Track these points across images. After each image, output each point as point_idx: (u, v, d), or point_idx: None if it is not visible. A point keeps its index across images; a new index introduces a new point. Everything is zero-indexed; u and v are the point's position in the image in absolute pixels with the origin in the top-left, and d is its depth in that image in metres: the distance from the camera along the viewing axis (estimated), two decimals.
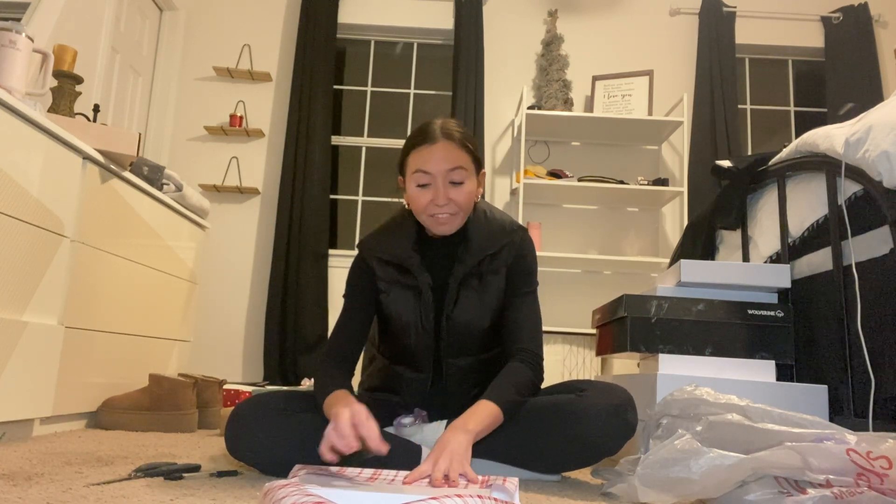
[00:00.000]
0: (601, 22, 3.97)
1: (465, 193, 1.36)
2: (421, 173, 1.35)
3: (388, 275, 1.45)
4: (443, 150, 1.34)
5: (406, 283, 1.44)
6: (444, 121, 1.39)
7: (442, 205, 1.34)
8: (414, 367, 1.46)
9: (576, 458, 1.33)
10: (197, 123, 3.78)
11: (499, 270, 1.45)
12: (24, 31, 1.82)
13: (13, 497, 0.99)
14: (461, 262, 1.43)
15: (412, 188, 1.37)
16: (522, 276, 1.47)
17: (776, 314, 1.72)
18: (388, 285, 1.45)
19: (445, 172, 1.34)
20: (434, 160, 1.34)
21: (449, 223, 1.38)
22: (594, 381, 1.41)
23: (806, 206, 1.81)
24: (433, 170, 1.34)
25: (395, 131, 4.01)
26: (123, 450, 1.60)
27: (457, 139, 1.36)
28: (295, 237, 3.59)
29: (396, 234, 1.47)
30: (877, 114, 1.56)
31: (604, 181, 3.49)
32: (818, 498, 0.92)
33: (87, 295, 1.96)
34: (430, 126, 1.38)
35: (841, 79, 3.78)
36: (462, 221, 1.41)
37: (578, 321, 3.58)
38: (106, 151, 1.98)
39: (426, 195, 1.35)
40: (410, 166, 1.37)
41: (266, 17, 3.91)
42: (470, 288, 1.43)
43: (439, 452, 1.11)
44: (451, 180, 1.35)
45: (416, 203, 1.37)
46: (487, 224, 1.46)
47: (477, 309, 1.43)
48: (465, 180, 1.36)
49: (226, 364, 3.60)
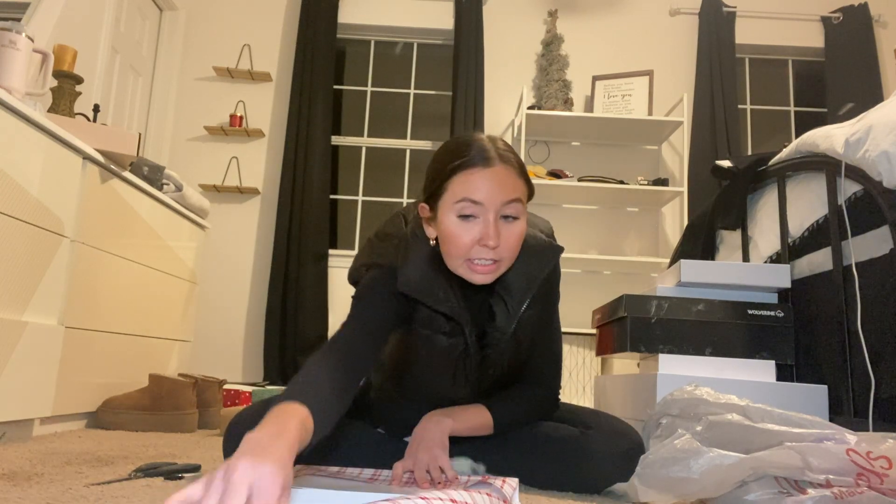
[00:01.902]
0: (601, 22, 3.97)
1: (517, 235, 1.10)
2: (468, 203, 1.07)
3: (429, 318, 1.21)
4: (502, 176, 1.08)
5: (451, 332, 1.21)
6: (492, 138, 1.13)
7: (493, 247, 1.07)
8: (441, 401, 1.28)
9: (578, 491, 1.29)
10: (197, 123, 3.78)
11: (533, 306, 1.25)
12: (24, 31, 1.82)
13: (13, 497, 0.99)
14: (501, 322, 1.21)
15: (451, 221, 1.09)
16: (551, 302, 1.31)
17: (776, 314, 1.72)
18: (429, 330, 1.22)
19: (500, 205, 1.08)
20: (489, 188, 1.07)
21: (491, 272, 1.10)
22: (600, 416, 1.35)
23: (806, 206, 1.81)
24: (487, 200, 1.07)
25: (396, 131, 4.01)
26: (123, 450, 1.60)
27: (514, 164, 1.11)
28: (295, 237, 3.59)
29: (437, 273, 1.18)
30: (877, 114, 1.56)
31: (604, 181, 3.49)
32: (818, 498, 0.92)
33: (87, 295, 1.96)
34: (480, 143, 1.10)
35: (841, 79, 3.78)
36: (503, 272, 1.14)
37: (578, 321, 3.58)
38: (106, 151, 1.98)
39: (471, 232, 1.08)
40: (453, 193, 1.09)
41: (266, 17, 3.91)
42: (508, 340, 1.24)
43: (417, 444, 1.10)
44: (506, 214, 1.09)
45: (456, 242, 1.09)
46: (526, 260, 1.21)
47: (514, 359, 1.27)
48: (521, 217, 1.11)
49: (226, 364, 3.60)
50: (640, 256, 3.68)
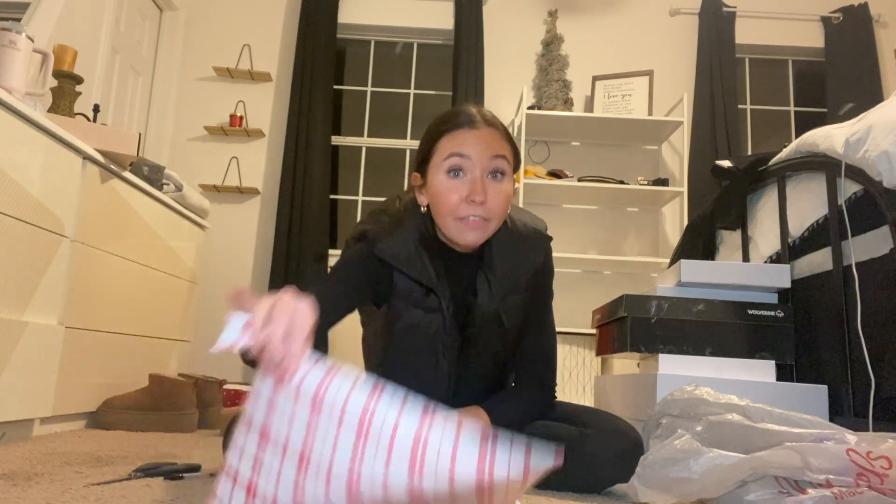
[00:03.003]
0: (601, 22, 3.97)
1: (504, 194, 1.17)
2: (457, 157, 1.14)
3: (408, 290, 1.24)
4: (488, 135, 1.16)
5: (429, 306, 1.24)
6: (479, 107, 1.22)
7: (479, 201, 1.13)
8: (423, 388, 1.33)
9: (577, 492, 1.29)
10: (197, 123, 3.78)
11: (520, 291, 1.29)
12: (24, 31, 1.82)
13: (13, 497, 0.99)
14: (483, 300, 1.25)
15: (440, 179, 1.16)
16: (543, 295, 1.34)
17: (776, 314, 1.72)
18: (406, 304, 1.24)
19: (488, 160, 1.15)
20: (476, 143, 1.15)
21: (480, 229, 1.16)
22: (599, 414, 1.35)
23: (806, 206, 1.81)
24: (474, 154, 1.14)
25: (396, 131, 4.01)
26: (123, 450, 1.60)
27: (500, 129, 1.20)
28: (295, 237, 3.59)
29: (419, 244, 1.23)
30: (877, 114, 1.56)
31: (604, 181, 3.49)
32: (818, 498, 0.92)
33: (87, 295, 1.96)
34: (467, 110, 1.19)
35: (841, 79, 3.78)
36: (492, 232, 1.20)
37: (578, 321, 3.57)
38: (106, 151, 1.98)
39: (460, 189, 1.14)
40: (441, 151, 1.16)
41: (266, 17, 3.91)
42: (487, 319, 1.27)
43: None
44: (494, 169, 1.15)
45: (446, 198, 1.15)
46: (512, 241, 1.27)
47: (498, 344, 1.30)
48: (507, 175, 1.18)
49: (226, 364, 3.60)
50: (640, 256, 3.67)
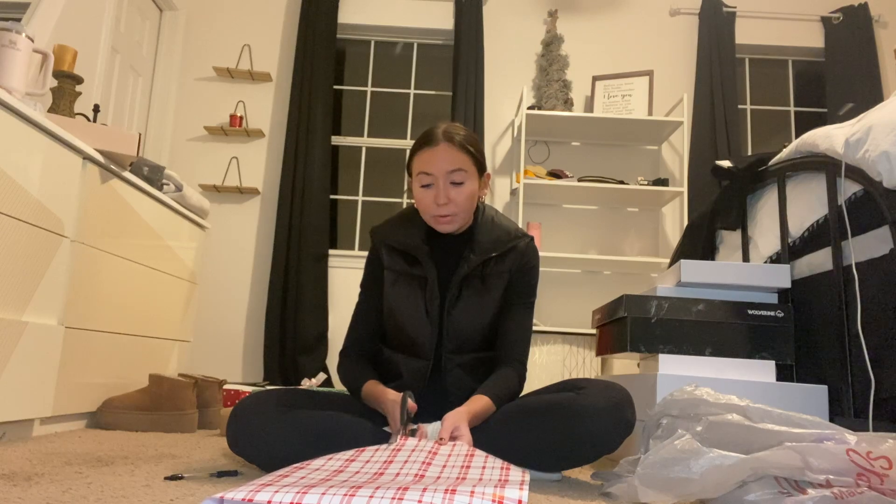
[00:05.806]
0: (601, 22, 3.97)
1: (465, 195, 1.44)
2: (423, 175, 1.44)
3: (396, 264, 1.52)
4: (444, 152, 1.42)
5: (413, 273, 1.50)
6: (448, 124, 1.48)
7: (442, 204, 1.42)
8: (415, 355, 1.50)
9: (575, 455, 1.35)
10: (197, 123, 3.78)
11: (502, 274, 1.51)
12: (24, 31, 1.83)
13: (13, 497, 0.99)
14: (466, 261, 1.49)
15: (417, 189, 1.46)
16: (525, 286, 1.54)
17: (776, 314, 1.72)
18: (395, 275, 1.52)
19: (446, 174, 1.42)
20: (435, 162, 1.42)
21: (450, 223, 1.46)
22: (592, 380, 1.44)
23: (806, 207, 1.81)
24: (434, 170, 1.42)
25: (395, 131, 4.01)
26: (123, 450, 1.60)
27: (457, 142, 1.44)
28: (295, 237, 3.59)
29: (408, 225, 1.55)
30: (877, 114, 1.56)
31: (604, 181, 3.49)
32: (818, 498, 0.92)
33: (87, 295, 1.96)
34: (434, 130, 1.47)
35: (841, 79, 3.78)
36: (463, 221, 1.49)
37: (578, 321, 3.58)
38: (106, 151, 1.98)
39: (429, 196, 1.44)
40: (415, 168, 1.46)
41: (266, 17, 3.91)
42: (472, 288, 1.49)
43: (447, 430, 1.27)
44: (452, 181, 1.43)
45: (421, 203, 1.47)
46: (494, 228, 1.54)
47: (477, 308, 1.49)
48: (466, 181, 1.44)
49: (226, 364, 3.60)
50: (640, 256, 3.68)
